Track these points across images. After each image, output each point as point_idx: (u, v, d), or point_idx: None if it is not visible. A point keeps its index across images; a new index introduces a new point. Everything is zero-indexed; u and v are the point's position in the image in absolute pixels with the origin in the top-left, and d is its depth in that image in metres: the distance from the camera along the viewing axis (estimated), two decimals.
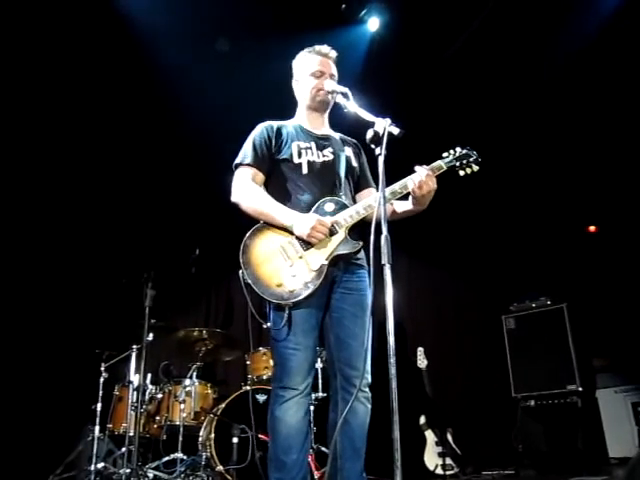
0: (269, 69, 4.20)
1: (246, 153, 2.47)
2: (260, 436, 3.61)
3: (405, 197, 2.42)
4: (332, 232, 2.29)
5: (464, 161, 2.42)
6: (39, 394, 4.52)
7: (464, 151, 2.43)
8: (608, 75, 4.73)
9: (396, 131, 1.94)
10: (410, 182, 2.31)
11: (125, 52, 4.51)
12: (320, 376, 4.24)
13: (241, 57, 4.72)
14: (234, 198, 2.43)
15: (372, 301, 2.17)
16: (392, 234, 1.85)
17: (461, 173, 2.43)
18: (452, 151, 2.44)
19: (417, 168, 2.31)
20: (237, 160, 2.48)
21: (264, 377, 4.20)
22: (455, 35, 4.87)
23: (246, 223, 2.37)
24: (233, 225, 2.51)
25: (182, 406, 4.10)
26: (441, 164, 2.40)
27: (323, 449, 3.92)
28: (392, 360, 1.72)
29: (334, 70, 2.58)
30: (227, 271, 5.17)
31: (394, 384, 1.70)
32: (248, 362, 4.36)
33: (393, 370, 1.71)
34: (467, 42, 4.84)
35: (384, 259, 1.81)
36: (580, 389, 4.61)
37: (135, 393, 4.10)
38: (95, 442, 4.08)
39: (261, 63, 4.55)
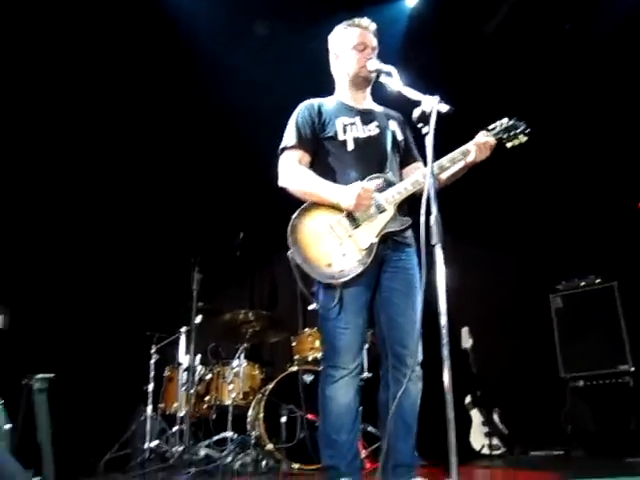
0: (307, 49, 4.17)
1: (290, 136, 2.44)
2: (307, 416, 3.67)
3: None
4: (381, 210, 2.27)
5: (512, 132, 2.33)
6: (95, 377, 4.69)
7: (511, 122, 2.34)
8: None
9: (445, 108, 1.88)
10: (459, 155, 2.30)
11: (164, 37, 4.57)
12: (366, 356, 4.25)
13: (279, 38, 4.70)
14: (281, 182, 2.41)
15: (424, 280, 2.16)
16: (440, 213, 1.81)
17: (508, 145, 2.35)
18: (499, 122, 2.36)
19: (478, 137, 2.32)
20: (282, 144, 2.46)
21: (309, 358, 4.24)
22: (495, 8, 4.73)
23: (289, 207, 2.35)
24: (277, 209, 2.51)
25: (231, 386, 4.19)
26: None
27: (369, 429, 3.94)
28: (445, 341, 1.70)
29: (375, 42, 2.51)
30: (271, 254, 5.23)
31: (447, 365, 1.68)
32: (294, 343, 4.41)
33: (446, 351, 1.69)
34: (508, 15, 4.68)
35: (435, 239, 1.77)
36: (632, 369, 4.49)
37: (185, 374, 4.21)
38: (148, 421, 4.22)
39: (299, 43, 4.52)
